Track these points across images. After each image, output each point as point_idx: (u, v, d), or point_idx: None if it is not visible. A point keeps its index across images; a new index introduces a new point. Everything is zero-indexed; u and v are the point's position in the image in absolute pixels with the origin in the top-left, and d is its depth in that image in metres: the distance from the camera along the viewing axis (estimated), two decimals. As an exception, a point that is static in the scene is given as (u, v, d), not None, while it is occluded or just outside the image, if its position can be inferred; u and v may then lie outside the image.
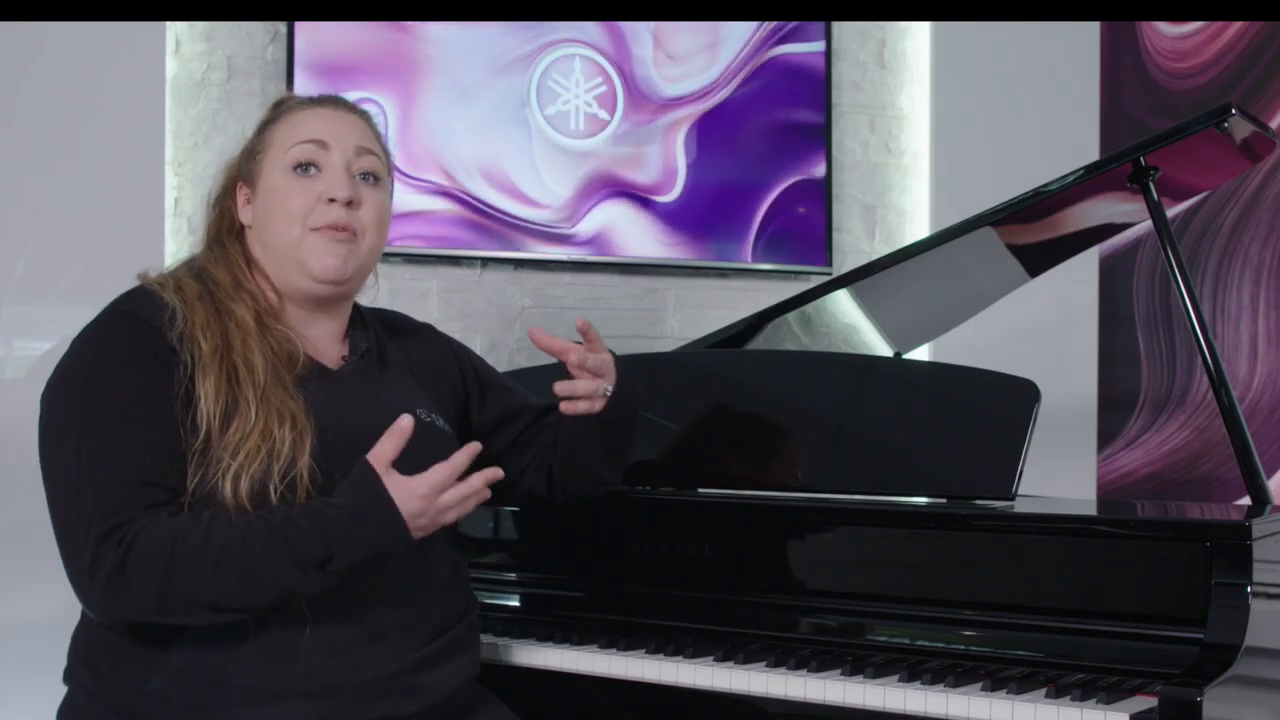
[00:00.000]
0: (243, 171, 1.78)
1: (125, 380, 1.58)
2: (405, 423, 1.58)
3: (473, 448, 1.62)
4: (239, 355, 1.62)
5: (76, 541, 1.53)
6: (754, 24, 3.67)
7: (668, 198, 3.58)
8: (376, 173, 1.77)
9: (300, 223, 1.70)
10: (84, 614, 1.68)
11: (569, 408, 1.82)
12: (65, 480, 1.56)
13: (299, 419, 1.61)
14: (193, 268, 1.74)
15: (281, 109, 1.80)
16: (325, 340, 1.77)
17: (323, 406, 1.66)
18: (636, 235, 3.55)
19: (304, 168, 1.72)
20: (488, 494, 1.63)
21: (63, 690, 1.70)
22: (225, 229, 1.78)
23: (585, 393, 1.81)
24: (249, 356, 1.62)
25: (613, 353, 1.87)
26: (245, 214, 1.76)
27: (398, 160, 3.28)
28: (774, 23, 3.69)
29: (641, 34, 3.57)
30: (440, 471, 1.58)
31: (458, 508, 1.60)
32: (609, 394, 1.83)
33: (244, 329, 1.65)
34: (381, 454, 1.57)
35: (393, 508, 1.55)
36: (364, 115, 1.81)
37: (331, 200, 1.70)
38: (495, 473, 1.64)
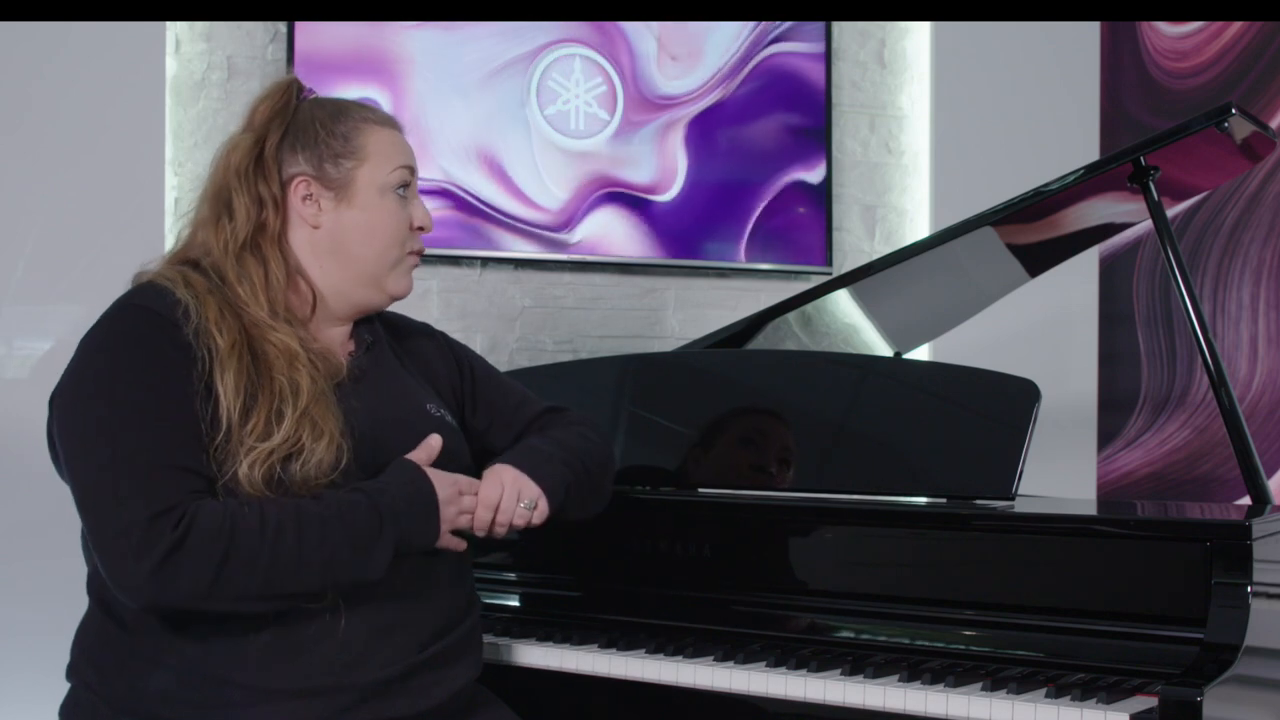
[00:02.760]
0: (309, 168, 1.72)
1: (150, 372, 1.57)
2: (435, 441, 1.70)
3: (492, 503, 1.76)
4: (283, 374, 1.61)
5: (119, 527, 1.50)
6: (754, 24, 3.67)
7: (668, 197, 3.58)
8: None
9: (399, 245, 1.78)
10: (88, 610, 1.68)
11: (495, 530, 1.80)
12: (101, 471, 1.53)
13: (334, 436, 1.62)
14: (199, 261, 1.70)
15: (344, 112, 1.77)
16: (336, 340, 1.78)
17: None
18: (637, 235, 3.56)
19: (402, 189, 1.79)
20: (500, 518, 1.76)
21: (65, 687, 1.70)
22: (269, 235, 1.70)
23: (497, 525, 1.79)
24: (295, 378, 1.62)
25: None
26: (306, 210, 1.72)
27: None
28: (774, 22, 3.69)
29: (641, 34, 3.57)
30: (466, 480, 1.73)
31: (470, 514, 1.73)
32: (535, 507, 1.79)
33: (289, 354, 1.64)
34: (416, 457, 1.69)
35: (429, 486, 1.66)
36: None
37: (420, 229, 1.81)
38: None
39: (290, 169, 1.73)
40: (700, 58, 3.63)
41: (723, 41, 3.65)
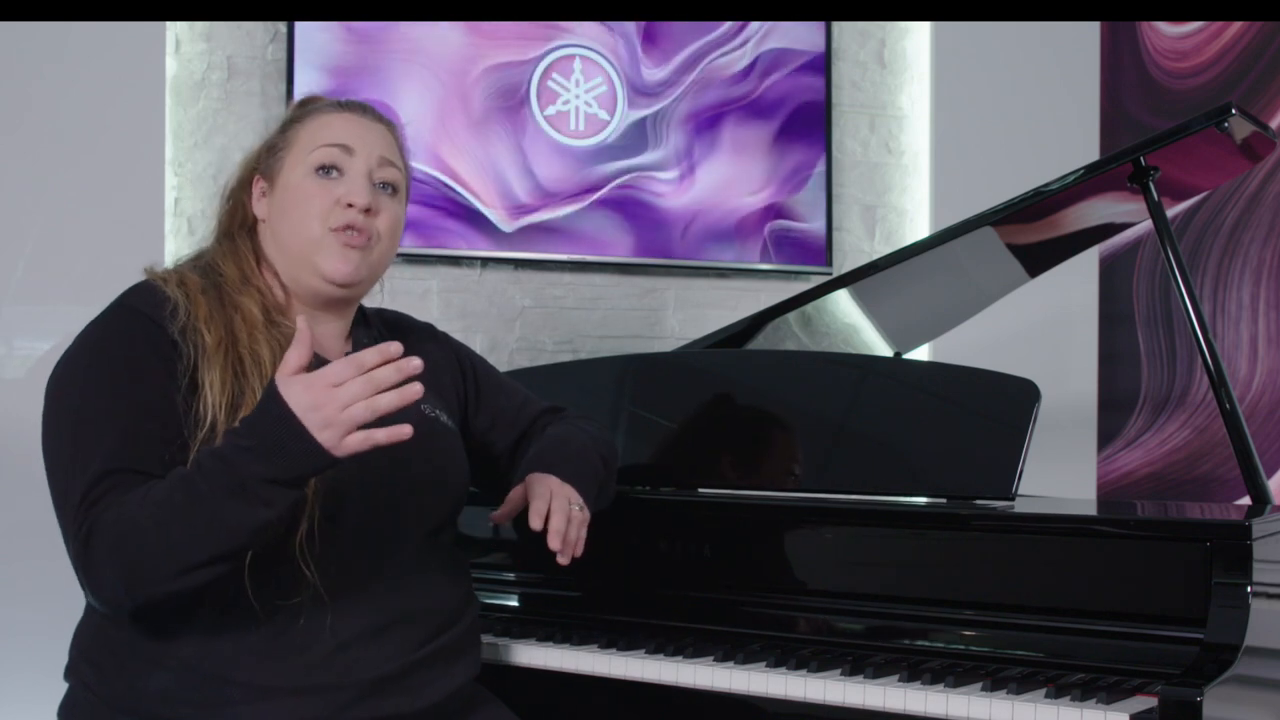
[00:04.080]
0: (261, 165, 1.78)
1: (123, 372, 1.58)
2: (302, 326, 1.47)
3: (384, 348, 1.44)
4: (245, 348, 1.62)
5: (67, 533, 1.54)
6: (754, 24, 3.67)
7: (667, 197, 3.58)
8: (395, 184, 1.79)
9: (319, 222, 1.71)
10: (86, 610, 1.69)
11: (579, 548, 1.80)
12: (59, 472, 1.57)
13: None
14: (199, 263, 1.74)
15: (308, 109, 1.80)
16: (330, 338, 1.78)
17: None
18: (636, 235, 3.56)
19: (326, 170, 1.73)
20: (410, 396, 1.43)
21: (64, 687, 1.70)
22: (237, 223, 1.78)
23: (564, 535, 1.78)
24: (256, 349, 1.63)
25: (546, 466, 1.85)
26: (260, 207, 1.77)
27: (398, 160, 3.30)
28: (774, 23, 3.69)
29: (642, 34, 3.57)
30: (338, 364, 1.43)
31: (364, 404, 1.41)
32: (585, 509, 1.82)
33: (251, 322, 1.65)
34: (283, 364, 1.45)
35: (280, 403, 1.41)
36: (390, 126, 1.83)
37: (350, 205, 1.72)
38: (409, 362, 1.45)
39: (256, 173, 1.79)
40: (701, 58, 3.63)
41: (723, 42, 3.65)
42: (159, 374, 1.59)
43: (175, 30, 3.14)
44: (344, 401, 1.41)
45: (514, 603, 2.18)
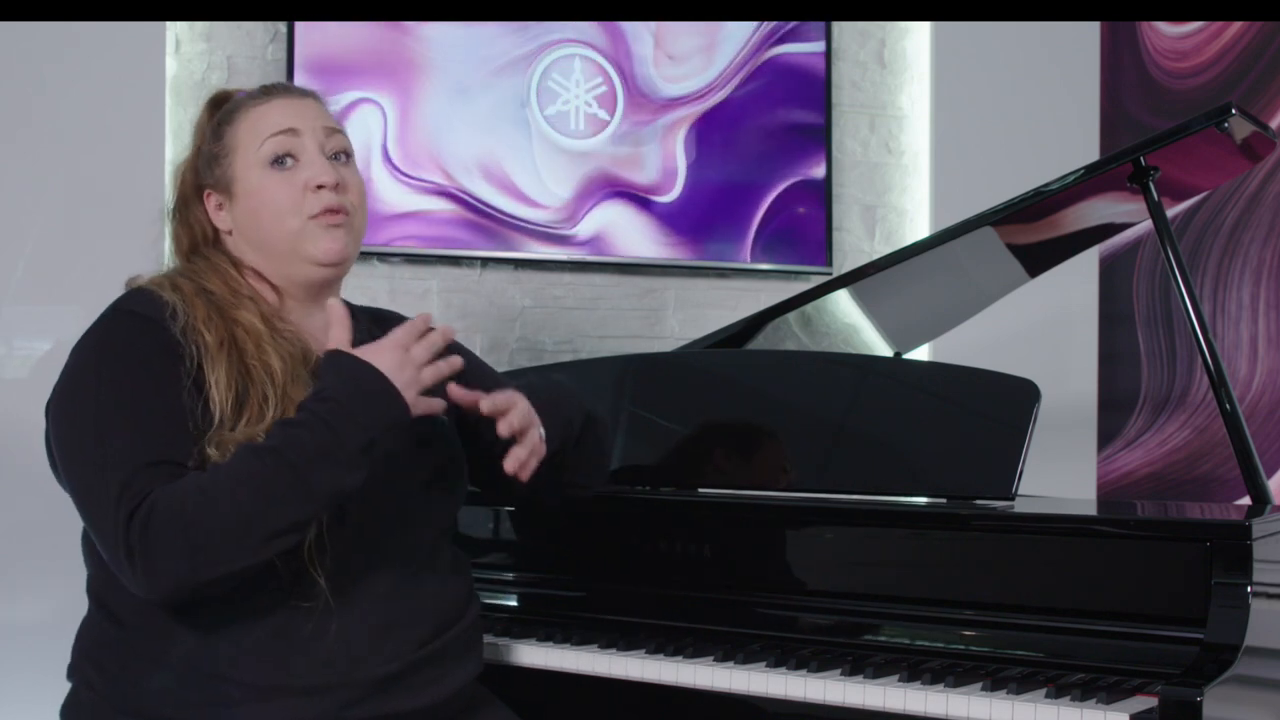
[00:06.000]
0: (207, 178, 1.76)
1: (135, 371, 1.58)
2: (338, 309, 1.64)
3: (426, 317, 1.65)
4: (254, 359, 1.62)
5: (108, 527, 1.52)
6: (754, 24, 3.67)
7: (668, 197, 3.58)
8: (347, 150, 1.78)
9: (294, 215, 1.71)
10: (89, 612, 1.69)
11: (523, 472, 1.76)
12: (91, 473, 1.55)
13: None
14: (188, 275, 1.73)
15: (232, 108, 1.78)
16: (320, 330, 1.78)
17: None
18: (636, 235, 3.55)
19: (280, 160, 1.72)
20: (457, 364, 1.65)
21: (65, 687, 1.70)
22: (201, 239, 1.77)
23: (526, 454, 1.76)
24: (265, 360, 1.63)
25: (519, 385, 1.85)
26: (221, 220, 1.76)
27: (397, 160, 3.31)
28: (774, 22, 3.69)
29: (641, 34, 3.57)
30: (400, 330, 1.62)
31: (431, 366, 1.61)
32: (544, 437, 1.80)
33: (255, 334, 1.65)
34: (333, 339, 1.62)
35: (369, 369, 1.56)
36: (316, 96, 1.81)
37: (320, 186, 1.71)
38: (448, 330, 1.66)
39: (204, 187, 1.77)
40: (700, 58, 3.63)
41: (723, 41, 3.65)
42: (169, 373, 1.59)
43: (175, 30, 3.14)
44: (419, 363, 1.59)
45: (514, 603, 2.19)
